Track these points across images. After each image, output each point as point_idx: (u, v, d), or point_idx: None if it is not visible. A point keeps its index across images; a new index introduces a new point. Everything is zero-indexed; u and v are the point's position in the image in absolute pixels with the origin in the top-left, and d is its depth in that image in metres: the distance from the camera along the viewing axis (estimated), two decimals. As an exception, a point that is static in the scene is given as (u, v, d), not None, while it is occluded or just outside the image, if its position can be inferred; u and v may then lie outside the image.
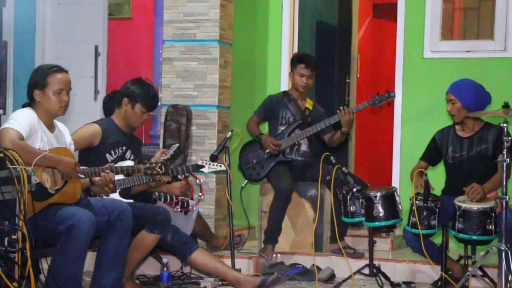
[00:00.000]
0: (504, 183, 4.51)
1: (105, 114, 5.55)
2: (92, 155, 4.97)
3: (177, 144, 5.31)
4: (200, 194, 5.57)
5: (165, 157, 5.14)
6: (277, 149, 5.84)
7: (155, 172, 4.58)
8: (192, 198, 5.53)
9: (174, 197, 5.40)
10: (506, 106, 4.60)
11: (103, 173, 4.46)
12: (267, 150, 5.86)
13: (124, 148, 5.09)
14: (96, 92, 6.93)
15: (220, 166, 5.26)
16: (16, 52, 6.87)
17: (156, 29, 8.09)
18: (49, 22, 7.03)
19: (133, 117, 5.10)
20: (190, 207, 5.47)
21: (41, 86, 4.37)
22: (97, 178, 4.50)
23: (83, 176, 4.38)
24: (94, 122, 5.12)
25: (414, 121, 6.55)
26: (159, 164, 4.58)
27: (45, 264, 4.23)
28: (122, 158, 5.06)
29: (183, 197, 5.41)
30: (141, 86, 5.11)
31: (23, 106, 4.44)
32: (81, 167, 4.44)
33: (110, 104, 5.39)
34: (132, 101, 5.07)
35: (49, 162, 4.21)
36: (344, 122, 5.66)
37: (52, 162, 4.23)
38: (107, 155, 5.00)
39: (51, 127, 4.45)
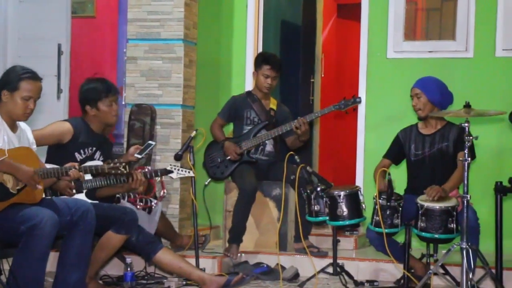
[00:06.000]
0: (466, 181, 4.56)
1: None
2: (61, 152, 4.92)
3: (154, 143, 5.29)
4: (162, 190, 5.55)
5: (140, 156, 5.13)
6: (239, 157, 5.84)
7: (119, 171, 4.54)
8: (155, 196, 5.51)
9: (136, 195, 5.37)
10: (467, 106, 4.66)
11: (71, 171, 4.42)
12: (228, 157, 5.86)
13: (94, 149, 5.06)
14: (59, 91, 6.86)
15: (189, 172, 5.24)
16: (-22, 51, 6.79)
17: (120, 28, 8.04)
18: (11, 20, 6.95)
19: (105, 115, 5.07)
20: (153, 204, 5.45)
21: (11, 88, 4.30)
22: (66, 178, 4.46)
23: (40, 186, 4.31)
24: (65, 120, 5.08)
25: (377, 120, 6.60)
26: (123, 164, 4.55)
27: (6, 265, 4.18)
28: (91, 158, 5.03)
29: (145, 195, 5.39)
30: (89, 85, 5.08)
31: None
32: (47, 166, 4.40)
33: None
34: (93, 104, 5.03)
35: (7, 168, 4.15)
36: (299, 134, 5.67)
37: (10, 169, 4.16)
38: (76, 154, 4.97)
39: (13, 127, 4.40)
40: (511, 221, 5.77)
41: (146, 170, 5.13)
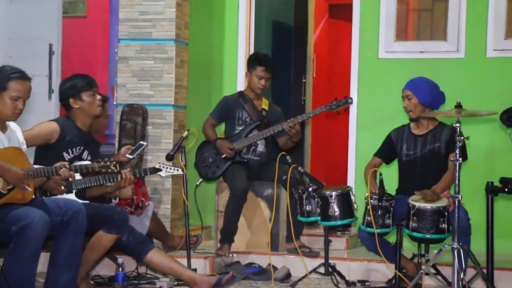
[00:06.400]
0: (457, 182, 4.57)
1: None
2: (49, 153, 4.91)
3: (145, 143, 5.28)
4: (146, 202, 5.53)
5: (132, 157, 5.12)
6: (233, 152, 5.84)
7: (109, 170, 4.52)
8: (142, 200, 5.50)
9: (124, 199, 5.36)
10: (458, 106, 4.67)
11: (62, 170, 4.40)
12: (224, 155, 5.86)
13: (82, 148, 5.05)
14: (51, 91, 6.84)
15: (178, 170, 5.24)
16: (-32, 50, 6.75)
17: (111, 28, 8.03)
18: (2, 20, 6.91)
19: (90, 107, 5.05)
20: (145, 204, 5.45)
21: (0, 88, 4.29)
22: (56, 177, 4.44)
23: (29, 188, 4.29)
24: (52, 120, 5.07)
25: (369, 120, 6.61)
26: (114, 163, 4.54)
27: (-3, 265, 4.17)
28: (79, 158, 5.02)
29: (128, 205, 5.38)
30: (70, 80, 5.08)
31: None
32: (36, 166, 4.38)
33: None
34: (77, 96, 5.03)
35: None
36: (291, 134, 5.68)
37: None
38: (65, 154, 4.96)
39: (3, 127, 4.38)
40: (502, 221, 5.79)
41: (136, 169, 5.12)
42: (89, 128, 5.19)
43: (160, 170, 5.19)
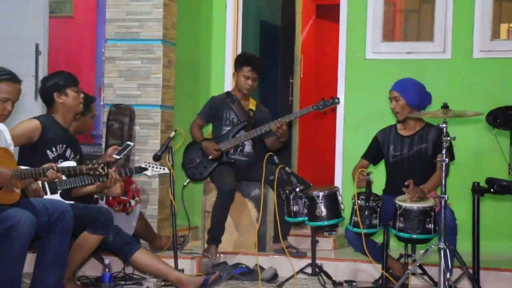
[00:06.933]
0: (443, 182, 4.59)
1: None
2: (33, 152, 4.90)
3: (132, 144, 5.27)
4: (137, 197, 5.54)
5: (119, 157, 5.11)
6: (219, 153, 5.84)
7: (97, 173, 4.52)
8: (130, 202, 5.49)
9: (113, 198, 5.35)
10: (445, 107, 4.69)
11: (49, 171, 4.39)
12: (210, 157, 5.86)
13: (64, 146, 5.03)
14: (37, 91, 6.82)
15: (164, 169, 5.23)
16: (-46, 50, 6.73)
17: (98, 28, 8.01)
18: (-12, 19, 6.90)
19: (73, 103, 5.05)
20: (132, 205, 5.44)
21: None
22: (44, 178, 4.43)
23: (17, 190, 4.27)
24: (33, 118, 5.05)
25: (356, 121, 6.63)
26: (102, 165, 4.53)
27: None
28: (62, 156, 5.00)
29: (123, 197, 5.38)
30: (55, 76, 5.09)
31: None
32: (23, 168, 4.37)
33: None
34: (61, 90, 5.02)
35: None
36: (278, 135, 5.69)
37: None
38: (48, 152, 4.94)
39: (-10, 128, 4.37)
40: (488, 222, 5.83)
41: (121, 169, 5.12)
42: (72, 127, 5.18)
43: (146, 169, 5.18)
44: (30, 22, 6.86)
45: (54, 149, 4.97)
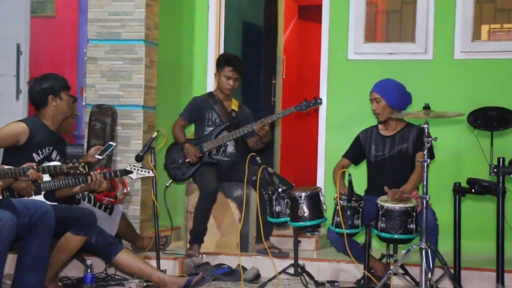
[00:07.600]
0: (425, 183, 4.61)
1: None
2: (18, 154, 4.86)
3: (115, 144, 5.26)
4: (125, 189, 5.53)
5: (101, 158, 5.09)
6: (197, 159, 5.84)
7: (78, 171, 4.50)
8: (116, 195, 5.48)
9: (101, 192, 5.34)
10: (426, 107, 4.72)
11: (30, 171, 4.36)
12: (188, 160, 5.85)
13: (51, 148, 5.01)
14: (18, 91, 6.79)
15: (149, 172, 5.22)
16: None
17: (80, 28, 7.98)
18: (-31, 19, 6.86)
19: (65, 107, 5.05)
20: (117, 200, 5.43)
21: None
22: (24, 178, 4.41)
23: None
24: (20, 121, 5.02)
25: (338, 121, 6.64)
26: (82, 164, 4.51)
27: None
28: (48, 158, 4.98)
29: (108, 196, 5.36)
30: (50, 78, 5.07)
31: None
32: (5, 167, 4.34)
33: None
34: (57, 94, 5.01)
35: None
36: (261, 135, 5.70)
37: None
38: (34, 155, 4.91)
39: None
40: (469, 222, 5.85)
41: (105, 170, 5.10)
42: (58, 128, 5.16)
43: (131, 172, 5.16)
44: (11, 22, 6.83)
45: (40, 152, 4.95)
